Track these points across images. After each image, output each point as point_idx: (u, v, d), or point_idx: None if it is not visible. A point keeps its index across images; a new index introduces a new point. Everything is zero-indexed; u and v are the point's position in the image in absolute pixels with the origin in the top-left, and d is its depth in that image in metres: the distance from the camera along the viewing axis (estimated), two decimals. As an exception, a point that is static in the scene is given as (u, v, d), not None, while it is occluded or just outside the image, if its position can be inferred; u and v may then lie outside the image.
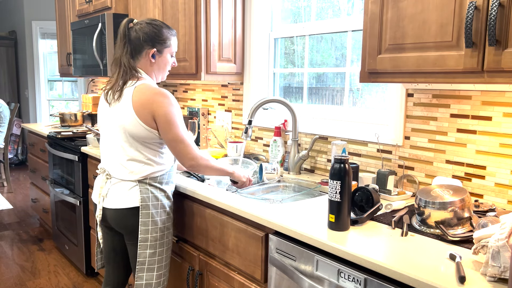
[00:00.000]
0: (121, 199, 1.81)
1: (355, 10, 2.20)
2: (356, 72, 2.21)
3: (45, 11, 6.92)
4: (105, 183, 1.88)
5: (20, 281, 3.18)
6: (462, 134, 1.68)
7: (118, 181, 1.83)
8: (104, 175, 1.88)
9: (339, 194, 1.38)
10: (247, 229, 1.64)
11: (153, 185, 1.82)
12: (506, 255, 1.04)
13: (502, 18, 1.18)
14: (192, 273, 1.98)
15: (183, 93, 3.34)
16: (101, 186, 1.88)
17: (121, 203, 1.82)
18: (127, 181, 1.81)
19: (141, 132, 1.75)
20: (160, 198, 1.84)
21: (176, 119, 1.76)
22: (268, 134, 2.60)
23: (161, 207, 1.84)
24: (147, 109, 1.73)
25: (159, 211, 1.83)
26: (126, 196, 1.81)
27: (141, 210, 1.79)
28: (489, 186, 1.62)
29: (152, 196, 1.81)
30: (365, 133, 2.03)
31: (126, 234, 1.88)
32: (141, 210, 1.79)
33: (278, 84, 2.69)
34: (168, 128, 1.75)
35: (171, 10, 2.65)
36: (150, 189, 1.81)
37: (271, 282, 1.54)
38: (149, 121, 1.74)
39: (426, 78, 1.40)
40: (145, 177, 1.80)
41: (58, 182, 3.43)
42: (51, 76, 7.24)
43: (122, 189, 1.82)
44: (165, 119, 1.73)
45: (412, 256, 1.20)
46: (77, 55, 3.58)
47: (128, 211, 1.81)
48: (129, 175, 1.80)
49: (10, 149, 6.95)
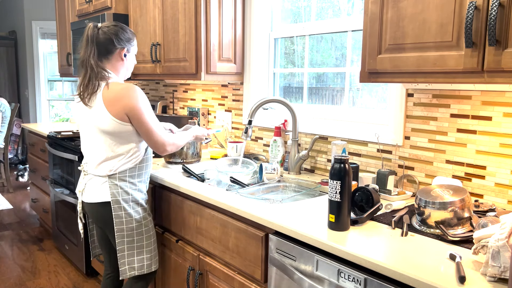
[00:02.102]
0: (94, 194, 1.93)
1: (355, 10, 2.20)
2: (356, 72, 2.21)
3: (45, 11, 6.92)
4: (82, 179, 2.00)
5: (20, 281, 3.18)
6: (462, 134, 1.68)
7: (92, 177, 1.95)
8: (82, 171, 2.00)
9: (339, 194, 1.38)
10: (247, 229, 1.64)
11: (123, 179, 1.91)
12: (506, 255, 1.04)
13: (502, 18, 1.18)
14: (192, 273, 1.98)
15: (183, 93, 3.34)
16: (80, 182, 2.01)
17: (94, 197, 1.93)
18: (98, 176, 1.92)
19: (115, 127, 1.83)
20: (130, 192, 1.92)
21: (145, 112, 1.86)
22: (268, 134, 2.60)
23: (133, 200, 1.93)
24: (117, 105, 1.82)
25: (131, 204, 1.92)
26: (98, 191, 1.91)
27: (112, 205, 1.89)
28: (489, 186, 1.62)
29: (122, 191, 1.90)
30: (365, 133, 2.03)
31: (103, 226, 1.98)
32: (112, 205, 1.89)
33: (278, 84, 2.69)
34: (141, 121, 1.85)
35: (171, 10, 2.65)
36: (120, 184, 1.90)
37: (271, 282, 1.54)
38: (121, 115, 1.83)
39: (426, 78, 1.40)
40: (113, 173, 1.89)
41: (58, 182, 3.43)
42: (51, 76, 7.24)
43: (95, 184, 1.93)
44: (136, 112, 1.83)
45: (412, 256, 1.20)
46: (77, 55, 3.58)
47: (101, 205, 1.92)
48: (99, 171, 1.90)
49: (10, 149, 6.95)
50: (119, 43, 1.90)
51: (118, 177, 1.90)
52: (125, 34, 1.93)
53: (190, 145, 2.39)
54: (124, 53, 1.93)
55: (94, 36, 1.87)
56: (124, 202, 1.90)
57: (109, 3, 3.14)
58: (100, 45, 1.87)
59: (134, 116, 1.83)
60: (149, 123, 1.86)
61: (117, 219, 1.90)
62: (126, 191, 1.91)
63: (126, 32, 1.94)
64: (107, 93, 1.83)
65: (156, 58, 2.80)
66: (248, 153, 2.69)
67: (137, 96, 1.84)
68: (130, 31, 1.97)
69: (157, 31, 2.78)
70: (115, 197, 1.89)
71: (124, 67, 1.96)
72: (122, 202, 1.89)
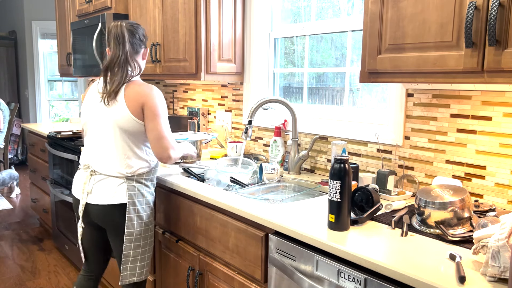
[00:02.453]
0: (108, 196, 1.86)
1: (355, 10, 2.20)
2: (356, 72, 2.21)
3: (45, 11, 6.92)
4: (89, 179, 1.90)
5: (20, 281, 3.18)
6: (462, 134, 1.68)
7: (105, 177, 1.87)
8: (89, 172, 1.90)
9: (339, 194, 1.38)
10: (247, 229, 1.64)
11: (140, 181, 1.89)
12: (506, 255, 1.04)
13: (502, 18, 1.18)
14: (192, 273, 1.98)
15: (183, 93, 3.34)
16: (85, 182, 1.90)
17: (108, 199, 1.86)
18: (114, 177, 1.86)
19: (131, 125, 1.82)
20: (145, 195, 1.91)
21: (161, 112, 1.84)
22: (268, 134, 2.60)
23: (146, 202, 1.92)
24: (137, 101, 1.81)
25: (144, 207, 1.90)
26: (114, 193, 1.85)
27: (128, 207, 1.85)
28: (489, 186, 1.62)
29: (138, 193, 1.88)
30: (365, 133, 2.03)
31: (110, 230, 1.92)
32: (128, 207, 1.85)
33: (278, 84, 2.69)
34: (154, 122, 1.82)
35: (171, 10, 2.65)
36: (137, 186, 1.88)
37: (271, 282, 1.54)
38: (138, 112, 1.82)
39: (426, 78, 1.40)
40: (132, 174, 1.86)
41: (58, 182, 3.43)
42: (51, 76, 7.24)
43: (109, 185, 1.86)
44: (152, 110, 1.81)
45: (412, 256, 1.20)
46: (77, 55, 3.58)
47: (114, 207, 1.86)
48: (117, 171, 1.85)
49: (10, 149, 6.95)
50: (143, 42, 1.93)
51: (136, 178, 1.87)
52: (144, 34, 1.94)
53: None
54: (145, 52, 1.95)
55: (124, 33, 1.84)
56: (139, 204, 1.88)
57: (109, 3, 3.14)
58: (132, 43, 1.87)
59: (149, 114, 1.81)
60: (162, 127, 1.83)
61: (129, 221, 1.86)
62: (142, 193, 1.89)
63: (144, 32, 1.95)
64: (129, 91, 1.82)
65: (156, 58, 2.80)
66: (248, 153, 2.69)
67: (156, 96, 1.83)
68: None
69: (157, 31, 2.78)
70: (132, 199, 1.86)
71: (143, 66, 1.97)
72: (138, 204, 1.87)
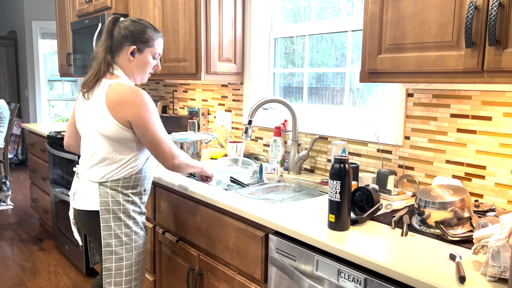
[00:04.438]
0: (85, 201, 1.78)
1: (355, 10, 2.20)
2: (356, 72, 2.21)
3: (45, 11, 6.92)
4: (75, 182, 1.87)
5: (20, 281, 3.18)
6: (462, 134, 1.68)
7: (85, 182, 1.80)
8: (76, 173, 1.87)
9: (339, 194, 1.38)
10: (247, 229, 1.64)
11: (114, 188, 1.74)
12: (506, 255, 1.04)
13: (502, 18, 1.18)
14: (192, 273, 1.98)
15: (183, 93, 3.34)
16: (73, 184, 1.88)
17: (84, 204, 1.78)
18: (91, 182, 1.77)
19: (116, 132, 1.69)
20: (122, 203, 1.75)
21: (153, 120, 1.70)
22: (268, 134, 2.59)
23: (124, 211, 1.75)
24: (121, 109, 1.67)
25: (121, 216, 1.75)
26: (88, 198, 1.76)
27: (101, 215, 1.73)
28: (489, 186, 1.62)
29: (112, 200, 1.74)
30: (365, 133, 2.03)
31: (90, 237, 1.84)
32: (101, 215, 1.73)
33: (278, 84, 2.69)
34: (145, 130, 1.69)
35: (171, 10, 2.65)
36: (110, 193, 1.73)
37: (271, 282, 1.54)
38: (123, 120, 1.68)
39: (426, 78, 1.40)
40: (105, 180, 1.73)
41: (58, 182, 3.43)
42: (51, 76, 7.24)
43: (86, 190, 1.78)
44: (141, 120, 1.67)
45: (412, 256, 1.20)
46: (77, 55, 3.58)
47: (89, 214, 1.77)
48: (91, 175, 1.76)
49: (10, 149, 6.95)
50: (127, 39, 1.75)
51: (109, 185, 1.73)
52: (139, 31, 1.76)
53: (190, 145, 2.39)
54: (132, 51, 1.75)
55: (110, 29, 1.76)
56: (114, 212, 1.73)
57: (109, 3, 3.14)
58: (112, 39, 1.75)
59: (138, 124, 1.67)
60: (155, 132, 1.69)
61: (106, 231, 1.72)
62: (117, 201, 1.74)
63: (142, 30, 1.77)
64: (110, 94, 1.68)
65: (156, 58, 2.80)
66: (248, 153, 2.69)
67: (141, 102, 1.67)
68: (151, 31, 1.79)
69: (157, 31, 2.78)
70: (104, 206, 1.72)
71: (134, 66, 1.79)
72: (112, 212, 1.73)
